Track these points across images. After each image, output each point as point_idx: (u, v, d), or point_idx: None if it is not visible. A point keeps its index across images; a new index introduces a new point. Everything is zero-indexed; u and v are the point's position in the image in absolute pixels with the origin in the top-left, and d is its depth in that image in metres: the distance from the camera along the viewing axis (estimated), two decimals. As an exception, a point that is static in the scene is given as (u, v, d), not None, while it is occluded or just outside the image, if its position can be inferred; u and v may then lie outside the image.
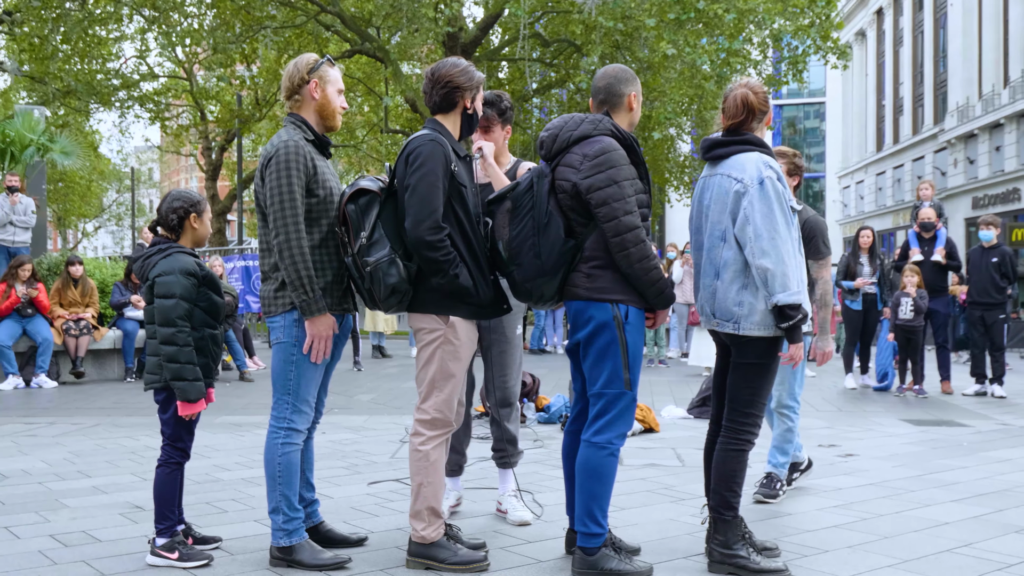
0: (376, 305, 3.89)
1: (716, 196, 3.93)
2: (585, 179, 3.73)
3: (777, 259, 3.74)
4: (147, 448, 6.72)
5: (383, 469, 6.09)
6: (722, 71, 18.18)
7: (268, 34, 20.63)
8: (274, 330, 3.97)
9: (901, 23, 42.66)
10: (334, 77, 4.06)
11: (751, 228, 3.78)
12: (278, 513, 3.91)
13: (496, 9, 20.81)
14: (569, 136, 3.84)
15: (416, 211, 3.73)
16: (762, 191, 3.79)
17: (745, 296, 3.85)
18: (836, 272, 11.55)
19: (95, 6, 21.24)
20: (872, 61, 46.50)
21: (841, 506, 5.09)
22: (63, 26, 19.64)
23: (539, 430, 7.75)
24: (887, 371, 11.08)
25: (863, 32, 47.48)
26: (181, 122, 33.95)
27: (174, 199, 4.15)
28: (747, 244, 3.79)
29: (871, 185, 46.05)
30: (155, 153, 60.81)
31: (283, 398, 3.95)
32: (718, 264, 3.92)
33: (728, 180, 3.89)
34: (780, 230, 3.78)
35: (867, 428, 8.01)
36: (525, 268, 3.78)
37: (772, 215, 3.78)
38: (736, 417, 3.95)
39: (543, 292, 3.83)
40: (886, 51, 44.64)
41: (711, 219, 3.95)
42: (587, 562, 3.75)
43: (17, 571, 3.86)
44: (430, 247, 3.72)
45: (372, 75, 27.54)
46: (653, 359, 14.18)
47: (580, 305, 3.82)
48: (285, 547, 3.92)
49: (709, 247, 3.96)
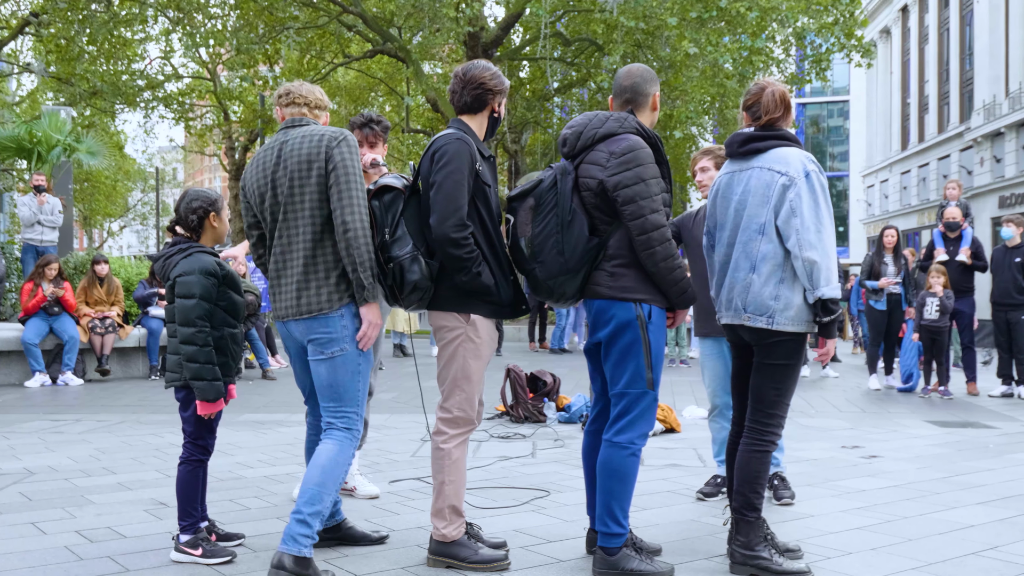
0: (397, 302, 3.90)
1: (754, 189, 3.89)
2: (612, 176, 3.73)
3: (823, 252, 3.75)
4: (171, 445, 6.76)
5: (404, 468, 6.10)
6: (744, 70, 18.10)
7: (291, 35, 20.73)
8: (335, 328, 3.78)
9: (926, 20, 42.31)
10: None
11: (798, 220, 3.76)
12: (317, 519, 3.72)
13: (517, 8, 20.82)
14: (594, 133, 3.83)
15: (441, 208, 3.74)
16: (809, 184, 3.79)
17: (782, 290, 3.82)
18: (860, 272, 11.48)
19: (120, 8, 21.40)
20: (897, 59, 46.14)
21: (865, 508, 5.05)
22: (89, 28, 19.81)
23: (559, 429, 7.75)
24: (912, 372, 10.99)
25: (888, 30, 47.13)
26: (205, 122, 34.17)
27: (192, 199, 4.17)
28: (792, 236, 3.77)
29: (896, 184, 45.71)
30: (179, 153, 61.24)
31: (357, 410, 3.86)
32: (754, 258, 3.88)
33: (769, 173, 3.86)
34: (826, 223, 3.79)
35: (891, 429, 7.95)
36: (548, 265, 3.77)
37: (818, 208, 3.78)
38: (760, 418, 3.93)
39: (565, 290, 3.82)
40: (911, 48, 44.29)
41: (747, 212, 3.91)
42: (608, 562, 3.74)
43: (44, 566, 3.90)
44: (454, 244, 3.73)
45: (394, 75, 27.64)
46: (674, 359, 14.14)
47: (603, 304, 3.81)
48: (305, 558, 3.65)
49: (745, 240, 3.90)
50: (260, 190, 3.94)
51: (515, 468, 6.10)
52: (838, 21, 19.18)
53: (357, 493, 5.21)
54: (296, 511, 3.67)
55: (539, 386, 8.52)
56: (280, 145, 3.92)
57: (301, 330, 3.84)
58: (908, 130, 44.92)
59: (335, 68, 26.77)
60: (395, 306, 3.97)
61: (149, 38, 25.38)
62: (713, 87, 19.27)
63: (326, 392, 3.84)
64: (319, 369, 3.83)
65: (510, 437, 7.35)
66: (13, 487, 5.47)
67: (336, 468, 3.77)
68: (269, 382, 11.54)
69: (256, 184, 3.96)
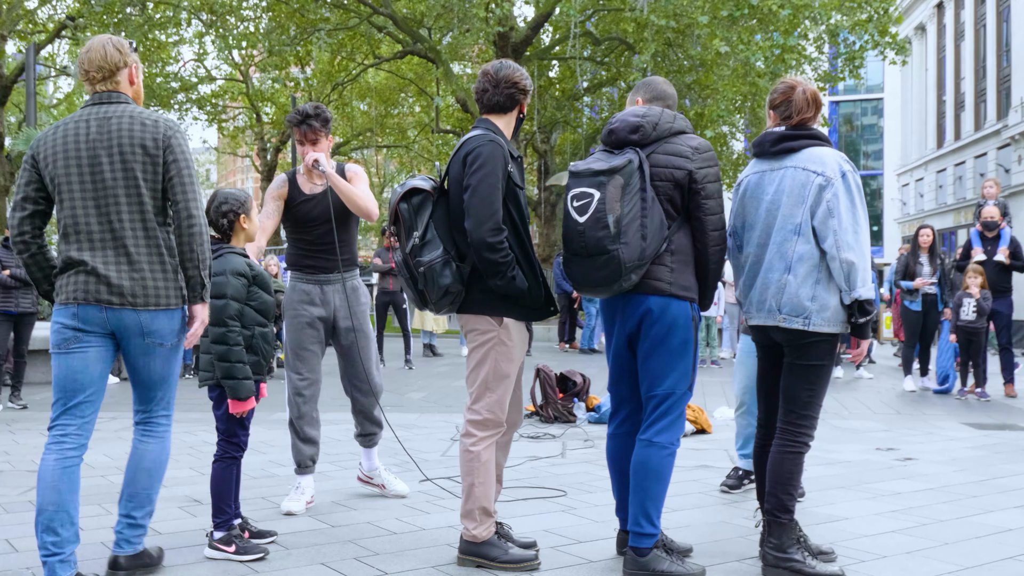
0: (426, 305, 3.90)
1: (789, 189, 3.85)
2: (700, 169, 3.75)
3: (860, 253, 3.72)
4: (205, 443, 6.82)
5: (434, 467, 6.11)
6: (776, 68, 17.96)
7: (322, 36, 20.85)
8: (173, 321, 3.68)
9: (963, 16, 41.80)
10: (139, 65, 3.88)
11: (835, 221, 3.73)
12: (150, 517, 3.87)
13: (547, 8, 20.80)
14: (669, 127, 3.81)
15: (477, 212, 3.72)
16: (846, 184, 3.76)
17: (819, 291, 3.79)
18: (895, 272, 11.36)
19: (155, 11, 21.63)
20: (932, 56, 45.63)
21: (900, 511, 5.00)
22: (124, 31, 20.02)
23: (589, 430, 7.73)
24: (948, 373, 10.86)
25: (923, 26, 46.61)
26: (237, 124, 34.45)
27: (222, 202, 4.19)
28: (829, 237, 3.74)
29: (931, 183, 45.20)
30: (212, 154, 61.73)
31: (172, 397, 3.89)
32: (790, 258, 3.83)
33: (804, 173, 3.83)
34: (862, 224, 3.76)
35: (927, 431, 7.86)
36: (631, 247, 3.63)
37: (855, 208, 3.76)
38: (793, 419, 3.89)
39: (631, 278, 3.67)
40: (947, 45, 43.77)
41: (782, 212, 3.87)
42: (639, 563, 3.72)
43: (81, 562, 3.92)
44: (491, 249, 3.71)
45: (423, 75, 27.72)
46: (705, 359, 14.06)
47: (662, 301, 3.74)
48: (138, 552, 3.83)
49: (780, 241, 3.86)
50: (69, 163, 3.59)
51: (545, 468, 6.09)
52: (872, 18, 18.97)
53: (387, 491, 5.23)
54: (127, 515, 3.75)
55: (569, 386, 8.51)
56: (100, 120, 3.61)
57: (135, 320, 3.59)
58: (944, 128, 44.39)
59: (365, 69, 26.88)
60: (425, 310, 3.97)
61: (183, 41, 25.65)
62: (745, 85, 19.14)
63: (158, 385, 3.75)
64: (154, 362, 3.68)
65: (540, 437, 7.34)
66: (49, 485, 5.54)
67: (165, 465, 3.84)
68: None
69: (64, 156, 3.60)
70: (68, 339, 3.59)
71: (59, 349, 3.61)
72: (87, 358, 3.60)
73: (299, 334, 4.94)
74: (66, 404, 3.61)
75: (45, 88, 33.59)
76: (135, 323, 3.59)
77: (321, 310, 4.94)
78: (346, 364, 5.07)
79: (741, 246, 4.07)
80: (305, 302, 4.93)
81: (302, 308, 4.92)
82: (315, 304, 4.93)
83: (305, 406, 4.95)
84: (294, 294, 4.96)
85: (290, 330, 4.96)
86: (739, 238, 4.09)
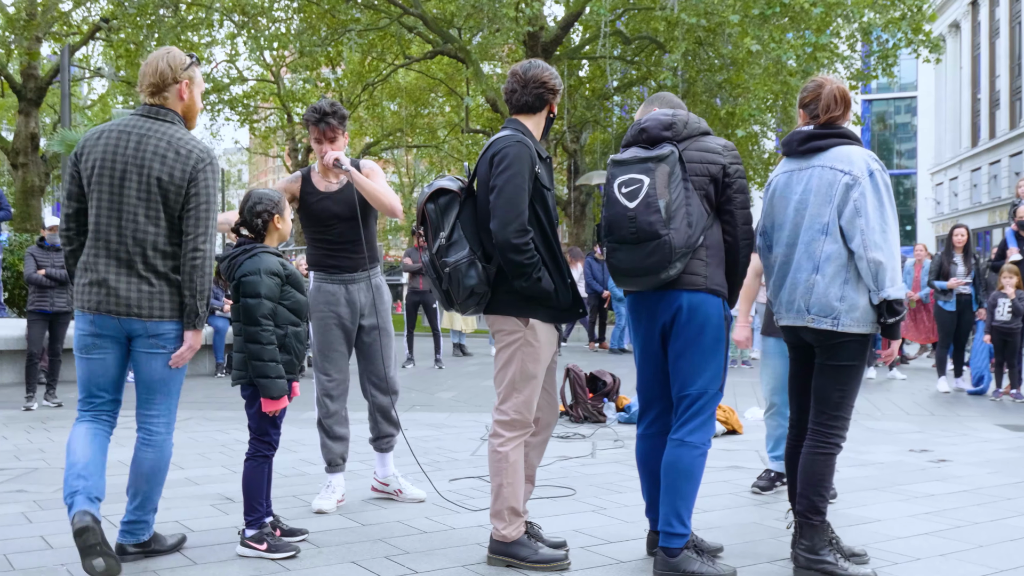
0: (452, 306, 3.90)
1: (816, 188, 3.83)
2: (731, 164, 3.79)
3: (889, 253, 3.68)
4: (237, 442, 6.88)
5: (464, 466, 6.13)
6: (808, 66, 17.84)
7: (352, 37, 20.94)
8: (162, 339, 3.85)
9: (997, 14, 41.30)
10: (199, 79, 4.04)
11: (863, 220, 3.70)
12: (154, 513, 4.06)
13: (577, 7, 20.79)
14: (697, 127, 3.85)
15: (502, 213, 3.72)
16: (873, 183, 3.73)
17: (847, 291, 3.76)
18: (929, 272, 11.25)
19: (188, 12, 21.82)
20: (967, 53, 45.12)
21: (933, 513, 4.95)
22: (157, 32, 20.21)
23: (619, 430, 7.72)
24: (983, 374, 10.74)
25: (957, 24, 46.11)
26: (268, 124, 34.66)
27: (256, 202, 4.22)
28: (857, 236, 3.71)
29: (966, 182, 44.71)
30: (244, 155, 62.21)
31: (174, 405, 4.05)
32: (818, 258, 3.81)
33: (832, 172, 3.80)
34: (890, 223, 3.73)
35: (961, 433, 7.77)
36: (680, 233, 3.63)
37: (883, 208, 3.72)
38: (825, 420, 3.87)
39: (676, 266, 3.65)
40: (981, 43, 43.28)
41: (809, 212, 3.85)
42: (669, 564, 3.71)
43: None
44: (516, 250, 3.71)
45: (453, 75, 27.78)
46: (736, 360, 13.99)
47: (696, 297, 3.73)
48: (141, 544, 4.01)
49: (808, 240, 3.84)
50: (103, 173, 3.79)
51: (574, 468, 6.08)
52: (905, 16, 18.79)
53: (404, 496, 5.16)
54: (131, 511, 3.95)
55: (599, 386, 8.49)
56: (141, 136, 3.81)
57: (141, 326, 3.81)
58: (979, 126, 43.89)
59: (396, 69, 26.98)
60: (451, 310, 3.97)
61: (215, 42, 25.86)
62: (776, 84, 19.02)
63: (157, 387, 3.93)
64: (155, 361, 3.87)
65: (570, 437, 7.34)
66: (84, 482, 5.60)
67: (164, 471, 4.00)
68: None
69: (100, 165, 3.80)
70: (88, 345, 3.86)
71: (81, 353, 3.89)
72: (106, 363, 3.89)
73: (326, 335, 4.95)
74: (91, 403, 3.93)
75: (79, 89, 34.00)
76: (142, 328, 3.83)
77: (347, 310, 4.95)
78: (366, 362, 5.07)
79: (771, 246, 4.05)
80: (331, 303, 4.93)
81: (328, 309, 4.93)
82: (340, 304, 4.94)
83: (334, 405, 4.97)
84: (319, 295, 4.96)
85: (317, 331, 4.97)
86: (769, 238, 4.07)
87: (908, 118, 54.77)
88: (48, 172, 22.85)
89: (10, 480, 5.65)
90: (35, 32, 21.52)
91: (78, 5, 23.89)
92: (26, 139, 21.94)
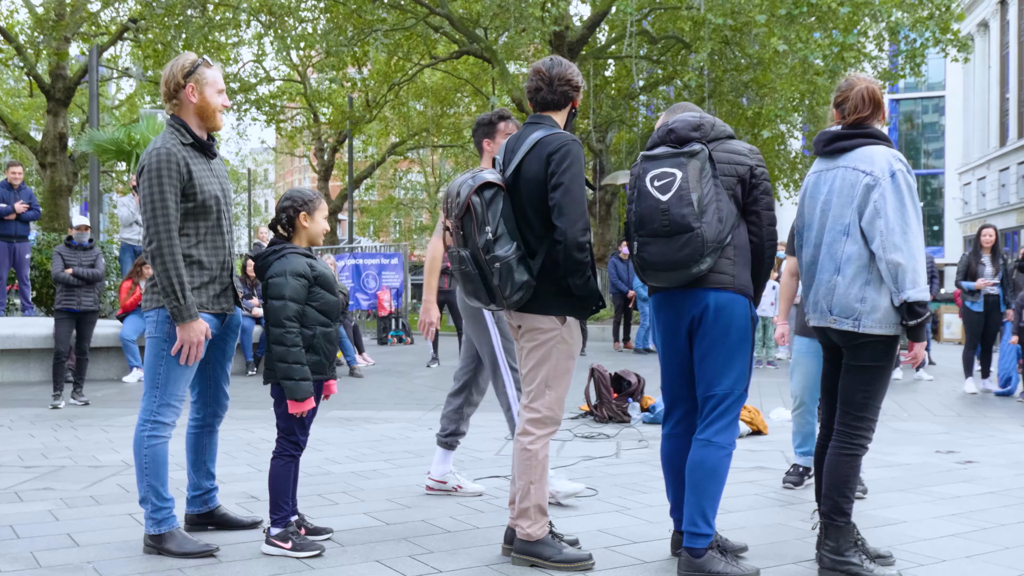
0: (494, 300, 3.86)
1: (839, 189, 3.83)
2: (758, 166, 3.81)
3: (909, 254, 3.66)
4: (262, 440, 6.93)
5: (488, 466, 6.14)
6: (835, 66, 17.72)
7: (379, 37, 20.99)
8: (148, 324, 4.09)
9: (1027, 13, 40.87)
10: (212, 78, 4.13)
11: (882, 222, 3.68)
12: (147, 503, 4.05)
13: (604, 7, 20.75)
14: (724, 130, 3.89)
15: (571, 212, 3.73)
16: (894, 184, 3.71)
17: (868, 292, 3.75)
18: (956, 272, 11.16)
19: (215, 12, 21.96)
20: (995, 52, 44.65)
21: (960, 514, 4.91)
22: (185, 33, 20.35)
23: (644, 430, 7.71)
24: (1010, 376, 10.64)
25: (985, 23, 45.64)
26: (295, 124, 34.84)
27: (285, 198, 4.24)
28: (876, 238, 3.70)
29: (994, 181, 44.24)
30: (270, 155, 62.51)
31: (152, 392, 4.05)
32: (839, 259, 3.81)
33: (854, 173, 3.80)
34: (912, 224, 3.69)
35: (988, 434, 7.71)
36: (711, 227, 3.63)
37: (904, 209, 3.69)
38: (850, 421, 3.86)
39: (706, 261, 3.64)
40: (1010, 42, 42.80)
41: (832, 213, 3.84)
42: (694, 564, 3.71)
43: (140, 557, 4.03)
44: (580, 248, 3.74)
45: (479, 75, 27.78)
46: (762, 360, 13.93)
47: (723, 296, 3.73)
48: (155, 535, 4.04)
49: (830, 241, 3.85)
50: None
51: (599, 468, 6.08)
52: (933, 15, 18.61)
53: (464, 491, 5.23)
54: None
55: (623, 386, 8.49)
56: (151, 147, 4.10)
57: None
58: (1007, 126, 43.41)
59: (422, 69, 27.02)
60: (491, 306, 3.93)
61: (242, 42, 25.99)
62: (803, 84, 18.91)
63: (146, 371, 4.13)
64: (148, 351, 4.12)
65: (594, 437, 7.34)
66: (112, 479, 5.67)
67: (136, 451, 4.11)
68: (356, 379, 11.73)
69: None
70: None
71: None
72: None
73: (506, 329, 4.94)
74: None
75: (108, 89, 34.28)
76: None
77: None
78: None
79: (802, 246, 4.05)
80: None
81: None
82: None
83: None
84: None
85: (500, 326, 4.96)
86: (800, 238, 4.08)
87: (936, 118, 54.26)
88: (76, 172, 23.06)
89: (37, 478, 5.72)
90: (64, 32, 21.72)
91: (106, 5, 24.08)
92: (54, 139, 22.15)
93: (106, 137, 15.08)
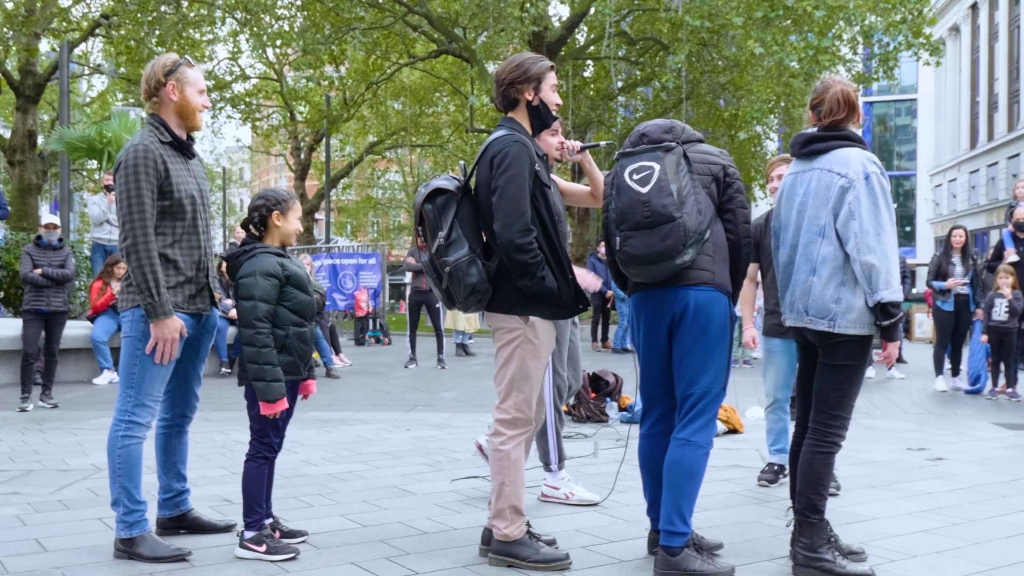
0: (454, 304, 3.91)
1: (814, 191, 3.87)
2: (730, 166, 3.88)
3: (883, 255, 3.70)
4: (236, 443, 6.89)
5: (466, 466, 6.14)
6: (810, 68, 17.86)
7: (356, 35, 20.92)
8: (123, 323, 4.07)
9: (996, 18, 41.30)
10: (193, 78, 4.12)
11: (856, 223, 3.72)
12: (119, 505, 4.00)
13: (582, 8, 20.78)
14: (694, 134, 3.95)
15: (505, 214, 3.75)
16: (868, 186, 3.75)
17: (843, 293, 3.79)
18: (927, 272, 11.27)
19: (189, 9, 21.81)
20: (966, 56, 45.12)
21: (930, 511, 4.97)
22: (158, 29, 20.19)
23: (621, 429, 7.74)
24: (980, 374, 10.76)
25: (957, 27, 46.11)
26: (271, 122, 34.67)
27: (258, 197, 4.22)
28: (851, 239, 3.74)
29: (964, 183, 44.71)
30: (246, 153, 62.23)
31: (127, 392, 4.03)
32: (815, 260, 3.85)
33: (829, 175, 3.84)
34: (885, 226, 3.74)
35: (958, 431, 7.80)
36: (692, 217, 3.66)
37: (878, 211, 3.73)
38: (824, 419, 3.90)
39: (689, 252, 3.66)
40: (981, 46, 43.27)
41: (808, 214, 3.89)
42: (670, 563, 3.73)
43: (110, 562, 3.99)
44: (520, 250, 3.74)
45: (458, 75, 27.77)
46: (738, 359, 14.01)
47: (706, 295, 3.75)
48: (126, 539, 3.99)
49: (806, 243, 3.89)
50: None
51: (577, 468, 6.10)
52: (906, 19, 18.80)
53: (573, 498, 5.10)
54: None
55: (601, 386, 8.51)
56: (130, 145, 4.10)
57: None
58: (977, 129, 43.90)
59: (400, 68, 26.97)
60: (453, 309, 3.98)
61: (217, 39, 25.84)
62: (779, 86, 19.04)
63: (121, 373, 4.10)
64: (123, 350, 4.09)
65: (572, 437, 7.35)
66: (81, 483, 5.62)
67: (110, 451, 4.06)
68: (333, 380, 11.69)
69: None
70: None
71: None
72: None
73: (562, 327, 4.88)
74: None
75: (79, 86, 34.01)
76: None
77: None
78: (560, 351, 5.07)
79: (779, 247, 4.09)
80: None
81: None
82: None
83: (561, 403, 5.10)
84: None
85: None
86: (777, 239, 4.11)
87: (908, 120, 54.76)
88: (45, 170, 22.79)
89: (5, 482, 5.65)
90: (34, 28, 21.45)
91: (78, 1, 23.84)
92: (23, 136, 21.87)
93: (77, 135, 14.91)
